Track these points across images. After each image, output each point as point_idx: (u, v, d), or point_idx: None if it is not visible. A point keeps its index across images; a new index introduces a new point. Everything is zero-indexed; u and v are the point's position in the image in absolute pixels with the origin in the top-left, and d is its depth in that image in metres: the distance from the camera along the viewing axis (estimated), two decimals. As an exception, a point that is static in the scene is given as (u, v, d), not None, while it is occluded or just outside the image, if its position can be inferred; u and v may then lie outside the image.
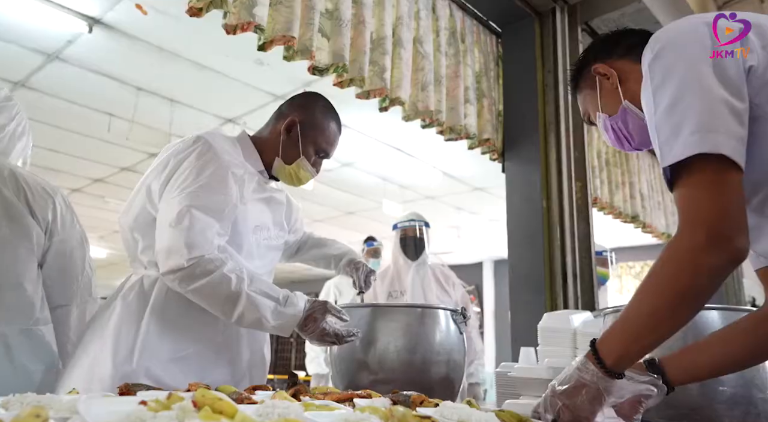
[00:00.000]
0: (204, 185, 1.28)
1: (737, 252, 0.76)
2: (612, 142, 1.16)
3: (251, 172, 1.44)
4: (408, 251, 2.92)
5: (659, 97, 0.84)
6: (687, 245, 0.78)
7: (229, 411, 0.61)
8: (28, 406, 0.64)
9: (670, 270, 0.80)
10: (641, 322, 0.83)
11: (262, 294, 1.27)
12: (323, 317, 1.29)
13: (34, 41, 3.48)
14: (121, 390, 0.91)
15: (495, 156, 2.71)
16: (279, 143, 1.47)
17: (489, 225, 7.68)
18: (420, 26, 2.36)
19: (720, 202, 0.76)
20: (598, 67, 1.12)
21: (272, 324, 1.26)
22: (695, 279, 0.77)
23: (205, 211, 1.26)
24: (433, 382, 1.35)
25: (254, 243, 1.43)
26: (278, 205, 1.55)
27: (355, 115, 4.51)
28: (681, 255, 0.78)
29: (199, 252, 1.23)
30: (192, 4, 1.63)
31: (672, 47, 0.86)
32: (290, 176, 1.49)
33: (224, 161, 1.33)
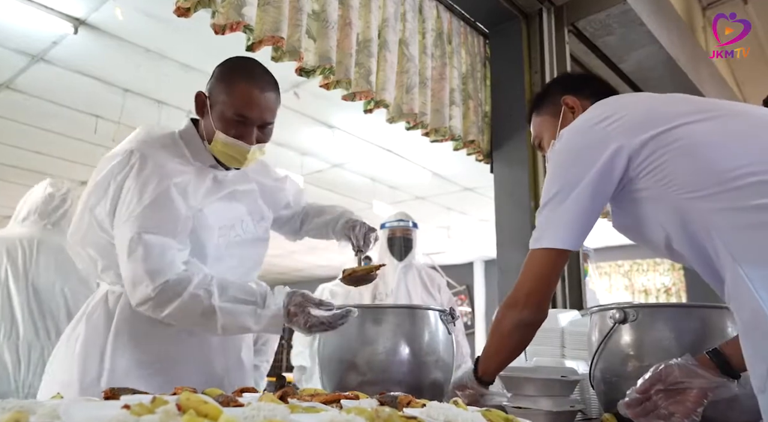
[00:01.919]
0: (149, 205, 1.21)
1: (541, 316, 1.08)
2: None
3: (202, 172, 1.34)
4: (395, 251, 2.91)
5: (545, 190, 1.07)
6: (507, 302, 1.09)
7: (213, 414, 0.60)
8: (10, 411, 0.64)
9: (496, 318, 1.13)
10: (490, 351, 1.16)
11: (237, 301, 1.22)
12: (303, 310, 1.21)
13: (18, 42, 3.44)
14: (106, 394, 0.90)
15: (480, 157, 2.72)
16: (203, 126, 1.35)
17: (479, 226, 7.71)
18: (406, 28, 2.36)
19: (536, 277, 1.07)
20: (568, 99, 1.24)
21: (256, 328, 1.23)
22: (516, 329, 1.09)
23: (157, 232, 1.20)
24: (422, 383, 1.35)
25: (223, 245, 1.36)
26: (247, 194, 1.45)
27: (344, 116, 4.51)
28: (502, 309, 1.10)
29: (163, 278, 1.18)
30: (179, 4, 1.62)
31: (566, 154, 1.05)
32: (222, 156, 1.32)
33: (165, 171, 1.25)
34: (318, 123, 4.67)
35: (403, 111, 2.28)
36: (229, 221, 1.38)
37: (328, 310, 1.23)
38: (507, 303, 1.10)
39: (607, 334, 1.21)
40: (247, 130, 1.29)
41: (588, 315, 1.37)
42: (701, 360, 0.97)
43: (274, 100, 1.33)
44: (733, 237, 0.88)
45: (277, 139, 4.96)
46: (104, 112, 4.36)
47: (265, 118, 1.31)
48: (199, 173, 1.33)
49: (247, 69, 1.31)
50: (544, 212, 1.06)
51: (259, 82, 1.29)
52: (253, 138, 1.30)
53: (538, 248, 1.06)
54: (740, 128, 0.96)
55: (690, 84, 3.26)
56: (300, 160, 5.36)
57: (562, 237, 1.03)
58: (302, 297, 1.23)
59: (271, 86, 1.32)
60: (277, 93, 1.34)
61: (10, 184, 6.14)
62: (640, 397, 0.97)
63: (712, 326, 1.16)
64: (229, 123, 1.28)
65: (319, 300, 1.23)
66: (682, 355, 0.99)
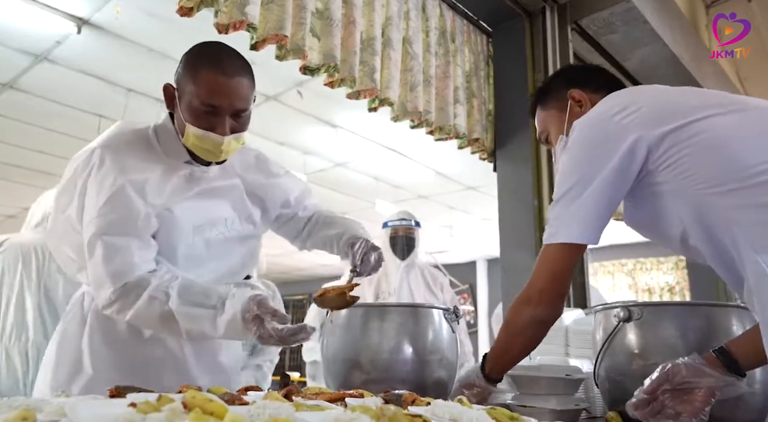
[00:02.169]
0: (104, 205, 1.17)
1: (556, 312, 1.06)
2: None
3: (172, 168, 1.26)
4: (397, 250, 2.90)
5: (558, 183, 1.04)
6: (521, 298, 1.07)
7: (219, 412, 0.61)
8: (17, 409, 0.64)
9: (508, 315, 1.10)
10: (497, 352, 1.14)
11: (196, 305, 1.15)
12: (257, 319, 1.12)
13: (22, 42, 3.45)
14: (112, 392, 0.91)
15: (485, 155, 2.72)
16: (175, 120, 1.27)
17: (482, 225, 7.70)
18: (409, 26, 2.36)
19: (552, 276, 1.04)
20: (574, 93, 1.21)
21: (216, 334, 1.15)
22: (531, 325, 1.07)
23: (114, 233, 1.16)
24: (426, 381, 1.35)
25: (201, 245, 1.30)
26: (230, 190, 1.36)
27: (347, 115, 4.51)
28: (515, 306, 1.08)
29: (122, 281, 1.15)
30: (182, 4, 1.62)
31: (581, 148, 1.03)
32: (197, 149, 1.23)
33: (121, 168, 1.19)
34: (321, 122, 4.67)
35: (407, 109, 2.28)
36: (207, 219, 1.31)
37: (282, 323, 1.12)
38: (520, 300, 1.07)
39: (612, 333, 1.21)
40: (218, 121, 1.19)
41: (592, 313, 1.36)
42: (708, 358, 0.97)
43: (246, 85, 1.22)
44: (755, 232, 0.87)
45: (280, 138, 4.96)
46: (107, 111, 4.37)
47: (236, 105, 1.20)
48: (168, 170, 1.26)
49: (213, 54, 1.20)
50: (558, 206, 1.03)
51: (226, 67, 1.18)
52: (226, 128, 1.20)
53: (553, 243, 1.02)
54: (760, 123, 0.94)
55: (693, 82, 3.25)
56: (303, 159, 5.36)
57: (579, 232, 1.00)
58: (258, 306, 1.12)
59: (241, 70, 1.21)
60: (248, 77, 1.23)
61: (14, 183, 6.16)
62: (647, 398, 0.96)
63: (717, 324, 1.16)
64: (198, 114, 1.19)
65: (274, 310, 1.13)
66: (688, 354, 0.99)
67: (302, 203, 1.55)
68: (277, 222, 1.53)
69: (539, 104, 1.30)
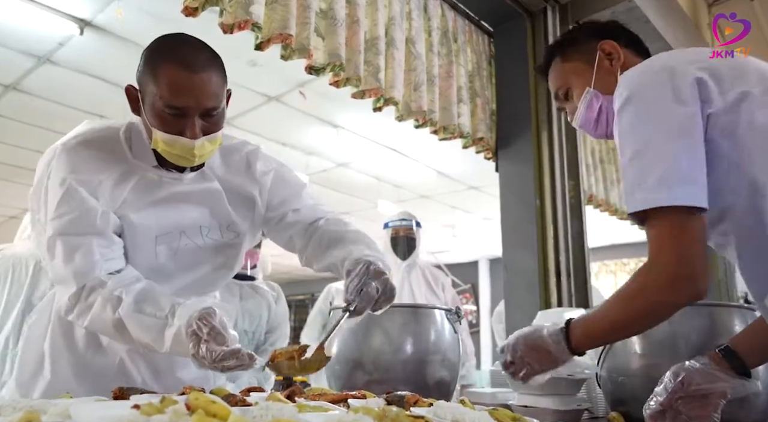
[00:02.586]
0: (58, 205, 1.10)
1: (693, 293, 0.86)
2: (586, 120, 1.13)
3: (133, 171, 1.16)
4: (398, 251, 2.91)
5: (626, 145, 0.91)
6: (649, 283, 0.89)
7: (222, 413, 0.61)
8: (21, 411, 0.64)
9: (633, 298, 0.92)
10: (602, 326, 0.97)
11: (147, 313, 1.05)
12: (196, 338, 0.98)
13: (24, 44, 3.45)
14: (115, 393, 0.91)
15: (489, 155, 2.72)
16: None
17: (484, 224, 7.70)
18: (412, 26, 2.36)
19: (680, 248, 0.85)
20: (606, 45, 1.12)
21: (162, 349, 1.03)
22: (651, 309, 0.90)
23: (73, 232, 1.09)
24: (428, 382, 1.35)
25: (168, 254, 1.20)
26: (207, 196, 1.23)
27: (349, 115, 4.51)
28: (643, 289, 0.90)
29: (83, 280, 1.08)
30: (187, 4, 1.62)
31: (638, 97, 0.91)
32: (170, 156, 1.12)
33: (72, 168, 1.11)
34: (323, 122, 4.68)
35: (411, 109, 2.28)
36: (173, 228, 1.20)
37: (219, 344, 0.97)
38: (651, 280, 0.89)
39: (614, 333, 1.21)
40: (186, 123, 1.06)
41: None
42: (714, 359, 0.96)
43: (215, 80, 1.08)
44: None
45: (282, 139, 4.97)
46: (110, 112, 4.38)
47: (205, 104, 1.07)
48: (127, 173, 1.16)
49: (173, 47, 1.08)
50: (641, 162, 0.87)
51: (190, 62, 1.05)
52: (197, 130, 1.07)
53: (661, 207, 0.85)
54: None
55: (696, 81, 3.23)
56: (305, 159, 5.36)
57: (687, 190, 0.84)
58: (198, 325, 0.99)
59: (207, 64, 1.07)
60: (216, 70, 1.09)
61: (17, 184, 6.17)
62: (662, 408, 0.95)
63: (720, 324, 1.16)
64: (164, 117, 1.07)
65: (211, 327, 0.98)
66: (690, 354, 0.99)
67: (291, 204, 1.34)
68: (266, 227, 1.37)
69: (559, 56, 1.19)
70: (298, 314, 12.45)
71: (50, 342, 1.23)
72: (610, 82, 1.07)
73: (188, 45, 1.09)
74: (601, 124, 1.12)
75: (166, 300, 1.06)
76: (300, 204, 1.35)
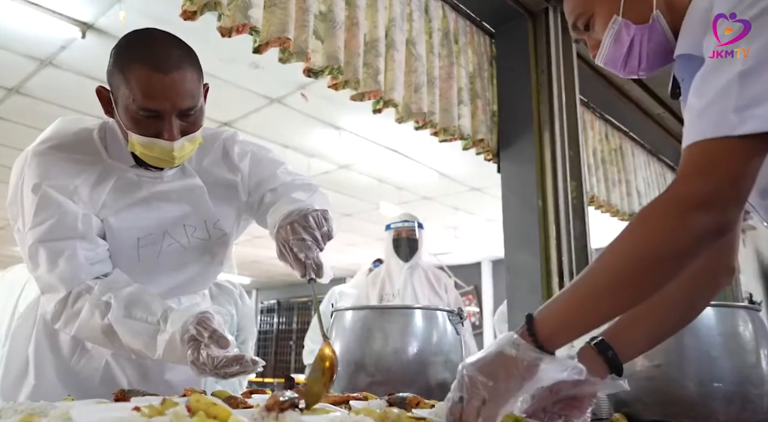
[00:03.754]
0: (36, 213, 1.05)
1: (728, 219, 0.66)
2: (614, 57, 0.94)
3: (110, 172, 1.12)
4: (400, 252, 2.91)
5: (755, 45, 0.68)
6: (678, 195, 0.66)
7: (223, 415, 0.61)
8: (22, 413, 0.64)
9: (645, 225, 0.68)
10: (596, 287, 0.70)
11: (138, 319, 1.01)
12: (195, 344, 0.95)
13: (27, 47, 3.47)
14: (117, 396, 0.91)
15: (489, 156, 2.72)
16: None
17: (486, 226, 7.69)
18: (413, 28, 2.36)
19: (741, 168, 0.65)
20: None
21: (154, 355, 0.99)
22: (677, 236, 0.65)
23: (55, 238, 1.05)
24: (431, 383, 1.34)
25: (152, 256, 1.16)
26: (189, 193, 1.19)
27: (351, 117, 4.51)
28: (666, 206, 0.67)
29: (70, 286, 1.04)
30: (186, 8, 1.62)
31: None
32: (149, 159, 1.08)
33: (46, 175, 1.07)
34: (325, 124, 4.68)
35: (411, 110, 2.28)
36: (156, 228, 1.16)
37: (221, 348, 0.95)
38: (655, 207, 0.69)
39: (617, 334, 1.20)
40: (163, 125, 1.02)
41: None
42: (585, 352, 0.86)
43: (189, 78, 1.03)
44: None
45: (284, 141, 4.97)
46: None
47: (181, 105, 1.02)
48: (105, 174, 1.12)
49: (142, 46, 1.02)
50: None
51: (161, 63, 0.99)
52: (174, 131, 1.03)
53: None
54: None
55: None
56: (307, 161, 5.36)
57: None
58: (197, 329, 0.95)
59: (180, 62, 1.02)
60: (191, 67, 1.04)
61: (20, 187, 6.19)
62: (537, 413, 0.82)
63: (723, 324, 1.15)
64: (138, 120, 1.02)
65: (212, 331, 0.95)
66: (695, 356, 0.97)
67: (267, 185, 1.26)
68: (250, 213, 1.31)
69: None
70: (301, 316, 12.47)
71: (35, 347, 1.20)
72: (642, 8, 0.89)
73: (159, 43, 1.03)
74: (631, 61, 0.93)
75: (158, 305, 1.02)
76: (276, 183, 1.26)
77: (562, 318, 0.72)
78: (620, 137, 3.85)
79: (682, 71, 0.87)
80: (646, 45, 0.90)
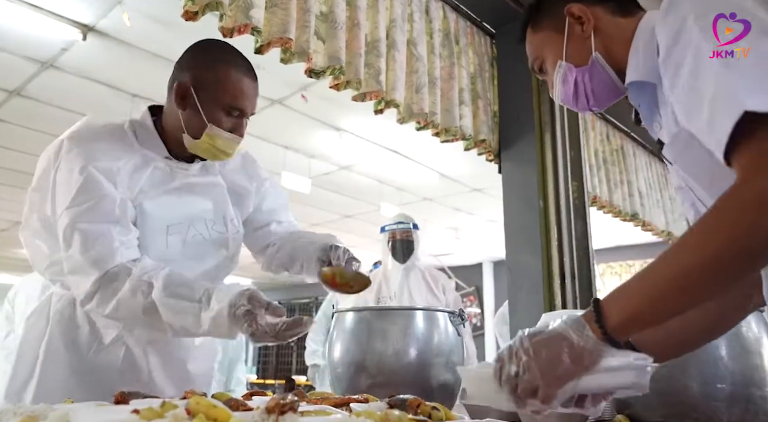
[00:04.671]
0: (77, 194, 1.11)
1: None
2: (565, 97, 1.01)
3: (148, 160, 1.22)
4: (397, 254, 2.90)
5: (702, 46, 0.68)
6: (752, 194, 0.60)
7: (223, 418, 0.60)
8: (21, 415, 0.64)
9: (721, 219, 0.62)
10: (669, 280, 0.65)
11: (181, 297, 1.07)
12: (249, 315, 1.04)
13: (28, 49, 3.47)
14: (117, 398, 0.90)
15: (491, 157, 2.71)
16: (179, 117, 1.20)
17: (487, 226, 7.68)
18: (414, 28, 2.36)
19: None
20: (573, 8, 0.96)
21: (200, 332, 1.07)
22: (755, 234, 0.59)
23: (92, 220, 1.10)
24: (432, 385, 1.34)
25: (177, 244, 1.23)
26: (211, 188, 1.31)
27: (351, 118, 4.51)
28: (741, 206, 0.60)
29: (104, 268, 1.09)
30: (187, 8, 1.62)
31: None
32: (209, 151, 1.22)
33: (90, 156, 1.14)
34: (325, 125, 4.68)
35: (413, 111, 2.28)
36: (184, 218, 1.25)
37: (277, 316, 1.06)
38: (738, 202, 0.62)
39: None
40: (239, 123, 1.22)
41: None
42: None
43: (257, 89, 1.25)
44: None
45: (285, 142, 4.97)
46: (113, 117, 4.39)
47: (253, 109, 1.24)
48: (143, 162, 1.21)
49: (233, 56, 1.22)
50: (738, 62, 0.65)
51: (250, 70, 1.22)
52: (243, 130, 1.23)
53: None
54: None
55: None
56: (308, 162, 5.36)
57: None
58: (250, 301, 1.05)
59: (255, 74, 1.25)
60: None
61: (22, 190, 6.18)
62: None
63: (727, 326, 1.14)
64: (222, 115, 1.19)
65: (267, 303, 1.06)
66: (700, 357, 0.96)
67: (278, 216, 1.47)
68: (246, 228, 1.44)
69: (530, 26, 1.06)
70: (302, 317, 12.46)
71: (48, 342, 1.21)
72: (582, 52, 0.95)
73: (241, 55, 1.23)
74: (581, 99, 0.99)
75: (199, 285, 1.10)
76: (285, 218, 1.49)
77: (635, 307, 0.67)
78: (621, 138, 3.85)
79: (636, 98, 0.91)
80: (590, 84, 0.97)
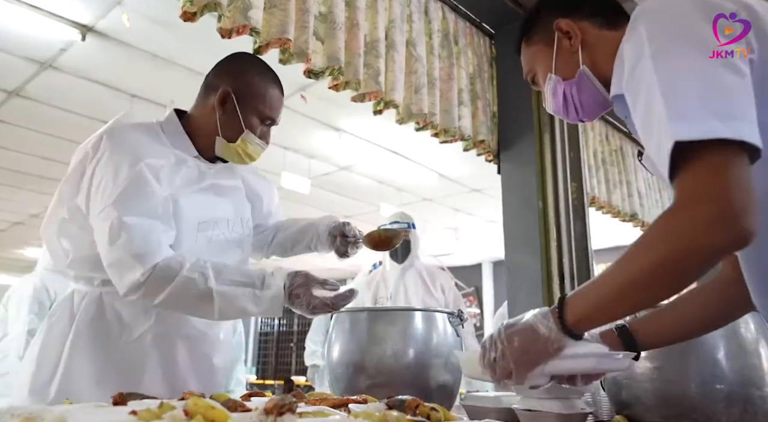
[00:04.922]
0: (125, 188, 1.15)
1: (738, 232, 0.65)
2: (555, 108, 1.06)
3: (181, 160, 1.28)
4: (394, 254, 2.89)
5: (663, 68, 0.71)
6: (675, 226, 0.68)
7: (221, 419, 0.60)
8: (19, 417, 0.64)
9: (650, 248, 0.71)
10: (609, 291, 0.76)
11: (236, 283, 1.16)
12: (307, 290, 1.17)
13: (27, 50, 3.47)
14: (115, 399, 0.90)
15: (490, 157, 2.71)
16: (215, 120, 1.29)
17: (487, 227, 7.69)
18: (413, 29, 2.36)
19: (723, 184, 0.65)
20: (561, 23, 1.01)
21: (256, 311, 1.17)
22: (679, 258, 0.68)
23: (139, 215, 1.14)
24: (431, 386, 1.34)
25: (204, 242, 1.29)
26: (232, 191, 1.39)
27: (351, 119, 4.51)
28: (666, 234, 0.69)
29: (152, 262, 1.12)
30: (186, 9, 1.62)
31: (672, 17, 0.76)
32: (238, 154, 1.32)
33: (137, 153, 1.19)
34: (325, 126, 4.68)
35: (412, 111, 2.27)
36: (211, 217, 1.31)
37: (332, 289, 1.21)
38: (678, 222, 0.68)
39: (618, 335, 1.20)
40: (267, 131, 1.36)
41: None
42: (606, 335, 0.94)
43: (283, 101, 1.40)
44: None
45: (285, 143, 4.97)
46: (112, 117, 4.39)
47: (279, 120, 1.38)
48: (178, 160, 1.28)
49: (268, 71, 1.35)
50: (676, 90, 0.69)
51: (280, 85, 1.36)
52: (269, 139, 1.37)
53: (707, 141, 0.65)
54: None
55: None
56: (307, 163, 5.37)
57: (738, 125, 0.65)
58: (305, 278, 1.19)
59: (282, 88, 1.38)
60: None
61: (21, 190, 6.20)
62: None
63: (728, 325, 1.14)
64: (257, 125, 1.33)
65: (323, 280, 1.20)
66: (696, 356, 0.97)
67: (275, 217, 1.58)
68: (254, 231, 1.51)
69: (524, 38, 1.10)
70: (301, 318, 12.47)
71: (74, 338, 1.22)
72: (571, 65, 1.00)
73: (274, 72, 1.36)
74: (570, 111, 1.04)
75: (247, 272, 1.20)
76: (279, 218, 1.60)
77: (588, 310, 0.78)
78: (621, 138, 3.85)
79: (621, 110, 0.92)
80: (578, 96, 1.01)
